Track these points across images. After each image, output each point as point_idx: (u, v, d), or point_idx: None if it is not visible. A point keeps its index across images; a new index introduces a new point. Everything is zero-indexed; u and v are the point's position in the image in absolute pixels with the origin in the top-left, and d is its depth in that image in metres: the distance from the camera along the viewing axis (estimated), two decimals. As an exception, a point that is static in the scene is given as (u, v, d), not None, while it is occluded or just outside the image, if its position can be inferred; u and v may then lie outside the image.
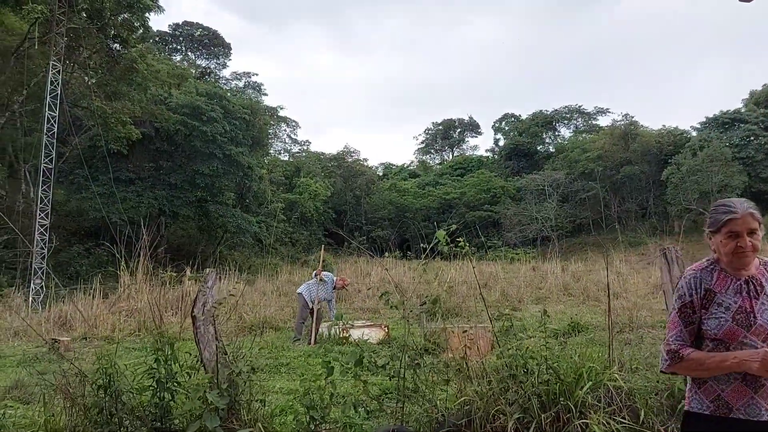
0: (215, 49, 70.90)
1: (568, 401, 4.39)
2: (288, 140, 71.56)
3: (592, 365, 4.63)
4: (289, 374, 7.58)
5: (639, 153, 51.69)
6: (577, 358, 4.74)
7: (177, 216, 38.42)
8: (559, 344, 5.16)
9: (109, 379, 4.19)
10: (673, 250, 4.85)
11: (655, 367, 5.20)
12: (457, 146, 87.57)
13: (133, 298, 16.59)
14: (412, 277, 18.36)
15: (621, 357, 5.21)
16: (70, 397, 4.24)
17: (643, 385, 4.77)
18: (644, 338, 7.55)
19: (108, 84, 30.57)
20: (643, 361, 5.29)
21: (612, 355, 4.97)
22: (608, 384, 4.55)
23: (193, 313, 4.42)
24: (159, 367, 4.26)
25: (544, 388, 4.47)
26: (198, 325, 4.41)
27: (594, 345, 6.29)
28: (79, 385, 4.33)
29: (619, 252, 34.25)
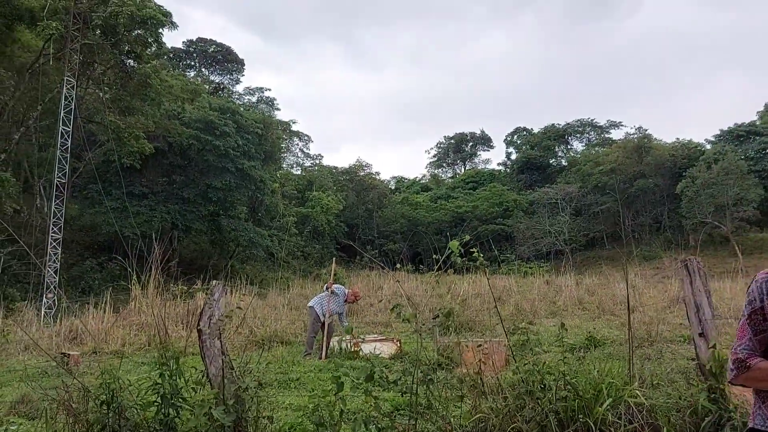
0: (228, 65, 71.51)
1: (587, 418, 4.22)
2: (300, 154, 71.85)
3: (612, 381, 4.46)
4: (299, 389, 7.43)
5: (653, 166, 51.30)
6: (596, 373, 4.57)
7: (189, 230, 38.51)
8: (577, 359, 4.99)
9: (112, 395, 4.08)
10: (695, 262, 4.68)
11: (677, 382, 5.02)
12: (469, 160, 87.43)
13: (144, 312, 16.53)
14: (425, 291, 18.17)
15: (641, 372, 5.03)
16: (73, 412, 4.13)
17: (665, 401, 4.58)
18: (664, 353, 7.34)
19: (121, 99, 30.80)
20: (665, 376, 5.10)
21: (632, 371, 4.79)
22: (629, 401, 4.37)
23: (198, 326, 4.31)
24: (164, 383, 4.14)
25: (562, 405, 4.30)
26: (204, 339, 4.29)
27: (613, 360, 6.10)
28: (83, 401, 4.21)
29: (633, 266, 33.88)
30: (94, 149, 30.59)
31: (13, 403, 6.45)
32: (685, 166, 49.57)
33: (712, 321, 4.68)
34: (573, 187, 54.05)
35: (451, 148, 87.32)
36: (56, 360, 7.46)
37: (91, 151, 29.15)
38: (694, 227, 46.27)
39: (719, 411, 4.41)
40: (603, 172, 53.46)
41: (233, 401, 4.11)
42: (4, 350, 13.00)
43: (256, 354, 5.79)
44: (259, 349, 11.24)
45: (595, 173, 54.08)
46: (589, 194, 53.84)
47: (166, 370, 4.17)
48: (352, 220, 57.43)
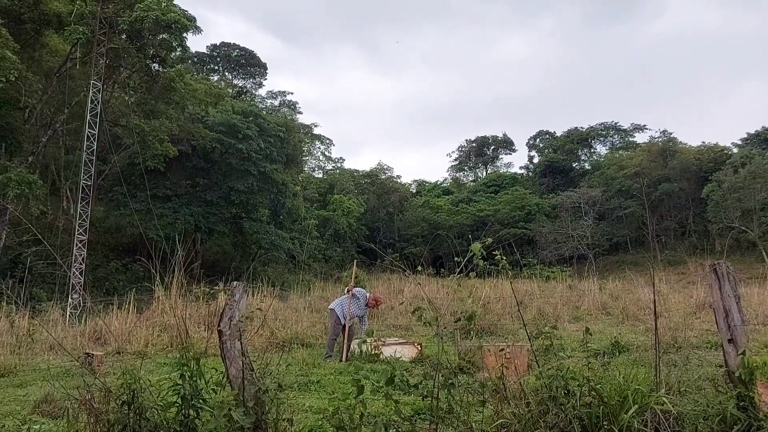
0: (251, 69, 72.15)
1: (612, 425, 4.13)
2: (322, 158, 72.12)
3: (638, 387, 4.36)
4: (319, 392, 7.41)
5: (678, 170, 50.62)
6: (621, 379, 4.47)
7: (212, 232, 38.81)
8: (601, 365, 4.90)
9: (133, 395, 4.09)
10: (724, 266, 4.57)
11: (705, 389, 4.90)
12: (491, 163, 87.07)
13: (166, 313, 16.65)
14: (446, 294, 18.08)
15: (667, 379, 4.92)
16: (94, 412, 4.15)
17: (692, 409, 4.47)
18: (690, 359, 7.20)
19: (146, 103, 31.17)
20: (692, 383, 4.98)
21: (659, 377, 4.69)
22: (655, 408, 4.27)
23: (219, 327, 4.30)
24: (184, 384, 4.14)
25: (587, 411, 4.22)
26: (224, 341, 4.29)
27: (638, 366, 5.98)
28: (104, 401, 4.23)
29: (658, 271, 33.42)
30: (120, 152, 30.96)
31: (37, 402, 6.52)
32: (711, 170, 48.83)
33: (741, 327, 4.56)
34: (596, 191, 53.52)
35: (473, 152, 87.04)
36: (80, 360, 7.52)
37: (116, 153, 29.51)
38: (720, 232, 45.54)
39: (749, 419, 4.29)
40: (627, 175, 52.87)
41: (253, 403, 4.10)
42: (30, 349, 13.19)
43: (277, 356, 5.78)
44: (279, 351, 11.25)
45: (619, 177, 53.49)
46: (613, 198, 53.26)
47: (186, 371, 4.17)
48: (373, 223, 57.48)
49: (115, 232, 36.27)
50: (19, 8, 25.08)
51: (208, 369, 4.45)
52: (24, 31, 25.91)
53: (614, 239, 53.10)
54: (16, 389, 8.57)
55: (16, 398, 7.79)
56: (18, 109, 25.70)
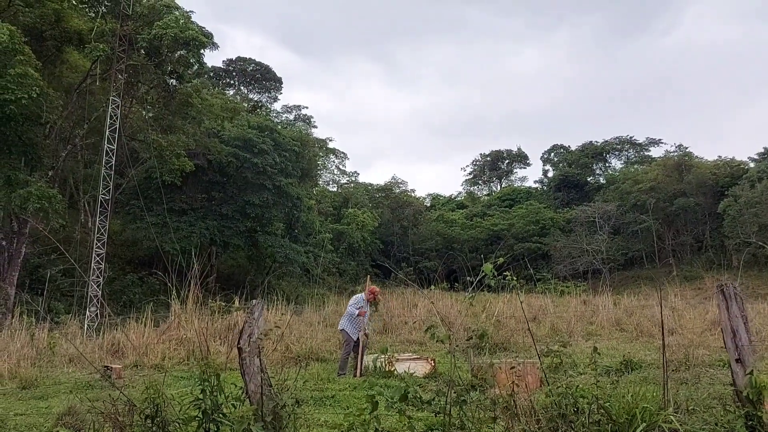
0: (267, 83, 72.95)
1: (620, 443, 4.23)
2: (336, 171, 72.48)
3: (646, 405, 4.45)
4: (334, 407, 7.54)
5: (694, 184, 50.35)
6: (630, 397, 4.57)
7: (227, 246, 39.16)
8: (611, 382, 4.99)
9: (156, 409, 4.25)
10: (732, 287, 4.66)
11: (714, 408, 4.98)
12: (505, 177, 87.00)
13: (183, 327, 16.84)
14: (459, 310, 18.14)
15: (676, 397, 5.00)
16: (119, 425, 4.31)
17: (701, 427, 4.56)
18: (701, 378, 7.24)
19: (164, 118, 31.66)
20: (701, 402, 5.06)
21: (667, 396, 4.78)
22: (663, 426, 4.36)
23: (239, 344, 4.46)
24: (205, 398, 4.30)
25: (596, 429, 4.32)
26: (244, 357, 4.44)
27: (648, 384, 6.05)
28: (128, 414, 4.40)
29: (674, 286, 33.21)
30: (137, 166, 31.44)
31: (61, 414, 6.70)
32: (727, 185, 48.53)
33: (749, 347, 4.65)
34: (611, 205, 53.31)
35: (487, 166, 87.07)
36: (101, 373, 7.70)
37: (133, 168, 29.97)
38: (737, 247, 45.15)
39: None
40: (642, 190, 52.63)
41: (271, 418, 4.24)
42: (49, 362, 13.41)
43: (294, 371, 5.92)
44: (294, 365, 11.38)
45: (634, 191, 53.26)
46: (628, 213, 53.02)
47: (207, 386, 4.33)
48: (388, 237, 57.59)
49: (131, 245, 36.70)
50: (41, 26, 25.66)
51: (227, 384, 4.61)
52: (45, 48, 26.48)
53: (629, 254, 52.80)
54: (38, 401, 8.76)
55: (38, 410, 7.98)
56: (39, 125, 26.21)
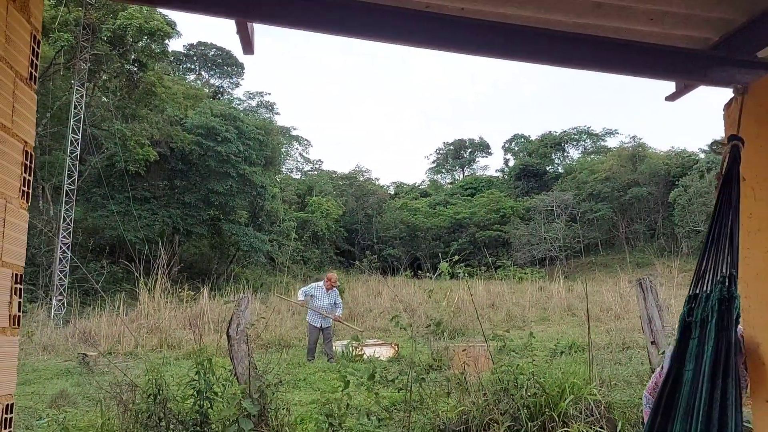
0: (228, 68, 72.33)
1: (552, 412, 5.04)
2: (300, 159, 72.57)
3: (575, 381, 5.28)
4: (306, 389, 8.25)
5: (647, 174, 52.17)
6: (560, 374, 5.39)
7: (191, 234, 39.26)
8: (545, 362, 5.82)
9: (158, 389, 4.89)
10: (648, 280, 5.51)
11: (634, 384, 5.85)
12: (468, 166, 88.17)
13: (152, 316, 17.31)
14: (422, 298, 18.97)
15: (602, 374, 5.86)
16: (123, 403, 4.94)
17: (621, 399, 5.41)
18: (633, 358, 8.16)
19: (127, 106, 31.64)
20: (624, 378, 5.93)
21: (593, 373, 5.62)
22: (588, 398, 5.19)
23: (228, 332, 5.12)
24: (199, 380, 4.95)
25: (532, 400, 5.12)
26: (232, 344, 5.11)
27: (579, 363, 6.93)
28: (130, 394, 5.03)
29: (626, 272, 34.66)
30: (99, 154, 31.38)
31: (53, 397, 7.24)
32: (678, 175, 50.39)
33: (662, 331, 5.51)
34: (568, 194, 54.84)
35: (450, 154, 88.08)
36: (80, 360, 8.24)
37: (95, 155, 29.95)
38: (687, 235, 47.07)
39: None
40: (598, 180, 54.29)
41: (258, 395, 4.93)
42: (23, 350, 13.80)
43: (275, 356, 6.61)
44: (265, 352, 12.03)
45: (590, 181, 54.90)
46: (584, 201, 54.63)
47: (201, 369, 4.99)
48: (352, 225, 58.18)
49: (93, 233, 36.57)
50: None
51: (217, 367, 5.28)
52: (7, 36, 26.22)
53: (585, 241, 54.49)
54: (23, 387, 9.23)
55: (27, 395, 8.48)
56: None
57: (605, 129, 70.33)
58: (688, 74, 2.48)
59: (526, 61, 2.40)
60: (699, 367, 1.91)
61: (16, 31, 2.08)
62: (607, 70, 2.44)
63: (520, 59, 2.39)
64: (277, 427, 4.94)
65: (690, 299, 2.10)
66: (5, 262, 2.04)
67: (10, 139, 2.04)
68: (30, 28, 2.20)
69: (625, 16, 2.39)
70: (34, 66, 2.24)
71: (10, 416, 2.34)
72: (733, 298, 1.92)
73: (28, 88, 2.21)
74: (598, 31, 2.47)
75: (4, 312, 2.08)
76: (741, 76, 2.36)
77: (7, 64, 2.02)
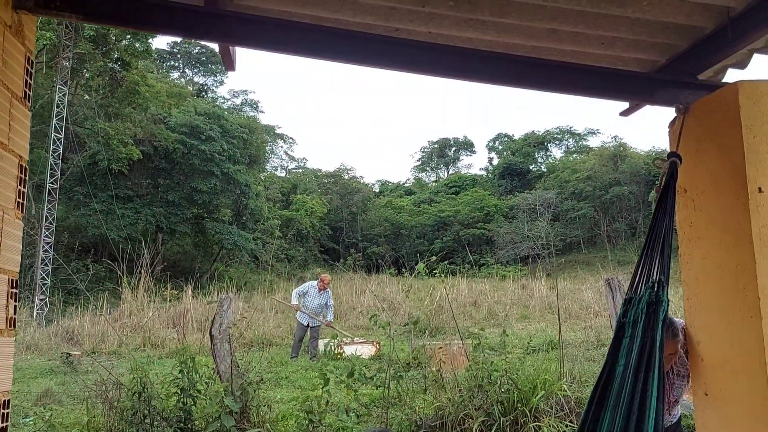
0: (212, 66, 72.04)
1: (524, 407, 5.26)
2: (285, 157, 72.49)
3: (546, 377, 5.50)
4: (288, 386, 8.42)
5: (628, 174, 52.81)
6: (532, 371, 5.61)
7: (174, 233, 39.13)
8: (519, 359, 6.04)
9: (143, 387, 5.04)
10: (616, 280, 5.74)
11: (603, 380, 6.08)
12: (452, 164, 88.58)
13: (135, 315, 17.37)
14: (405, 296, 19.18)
15: (572, 371, 6.09)
16: (108, 401, 5.08)
17: (588, 394, 5.63)
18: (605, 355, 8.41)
19: (110, 105, 31.51)
20: (594, 374, 6.15)
21: (564, 369, 5.85)
22: (558, 393, 5.42)
23: (211, 332, 5.28)
24: (183, 378, 5.11)
25: (505, 396, 5.34)
26: (215, 343, 5.27)
27: (552, 361, 7.17)
28: (116, 392, 5.17)
29: (608, 270, 35.11)
30: (82, 153, 31.24)
31: (39, 395, 7.35)
32: (659, 174, 50.94)
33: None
34: (551, 193, 55.36)
35: (435, 153, 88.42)
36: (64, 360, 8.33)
37: (78, 154, 29.82)
38: (666, 233, 47.71)
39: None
40: (580, 179, 54.88)
41: (240, 393, 5.10)
42: (5, 350, 13.80)
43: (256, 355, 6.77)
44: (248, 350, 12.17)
45: (572, 180, 55.48)
46: (567, 200, 55.18)
47: (184, 368, 5.14)
48: (336, 223, 58.25)
49: (75, 232, 36.35)
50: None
51: (201, 366, 5.43)
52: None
53: (567, 239, 55.03)
54: (7, 387, 9.32)
55: (11, 394, 8.56)
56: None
57: (587, 129, 71.15)
58: (636, 95, 2.69)
59: (488, 83, 2.59)
60: (628, 363, 2.12)
61: (12, 55, 2.24)
62: (561, 91, 2.64)
63: (483, 81, 2.58)
64: (258, 423, 5.10)
65: (626, 302, 2.31)
66: (2, 269, 2.20)
67: (6, 154, 2.20)
68: (24, 50, 2.36)
69: (578, 40, 2.60)
70: (28, 86, 2.40)
71: (7, 411, 2.51)
72: (660, 301, 2.13)
73: (23, 106, 2.36)
74: (555, 54, 2.67)
75: (1, 315, 2.25)
76: (684, 96, 2.57)
77: (4, 85, 2.18)
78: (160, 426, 5.05)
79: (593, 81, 2.56)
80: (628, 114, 2.99)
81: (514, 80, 2.55)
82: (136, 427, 4.94)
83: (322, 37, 2.42)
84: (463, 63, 2.54)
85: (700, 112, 2.52)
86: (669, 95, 2.58)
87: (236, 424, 4.91)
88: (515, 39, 2.60)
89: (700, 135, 2.51)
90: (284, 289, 28.56)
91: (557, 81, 2.54)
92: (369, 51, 2.47)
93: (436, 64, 2.53)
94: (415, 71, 2.61)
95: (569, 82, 2.55)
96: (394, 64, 2.57)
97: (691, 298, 2.55)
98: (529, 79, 2.53)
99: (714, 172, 2.45)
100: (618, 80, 2.61)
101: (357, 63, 2.53)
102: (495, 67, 2.53)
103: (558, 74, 2.54)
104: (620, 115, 3.06)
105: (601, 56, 2.70)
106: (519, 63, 2.55)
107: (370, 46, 2.47)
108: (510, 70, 2.52)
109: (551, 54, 2.66)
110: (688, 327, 2.59)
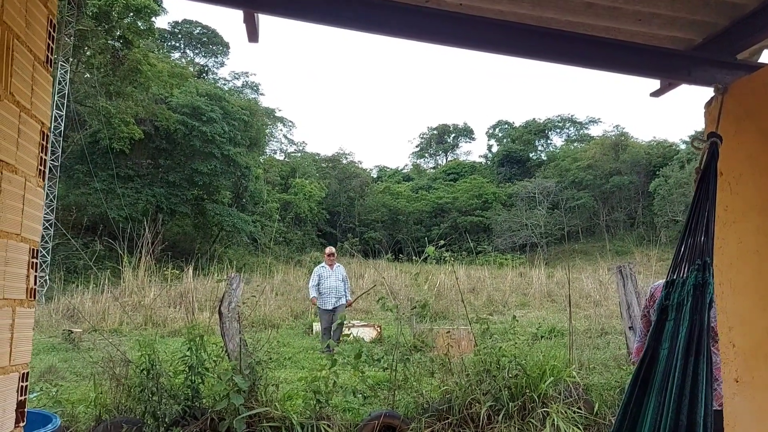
0: (213, 47, 71.57)
1: (532, 393, 5.24)
2: (284, 140, 72.27)
3: (555, 363, 5.48)
4: (292, 367, 8.40)
5: (628, 163, 52.75)
6: (541, 357, 5.59)
7: (174, 213, 39.07)
8: (528, 346, 6.02)
9: (151, 365, 5.00)
10: (628, 268, 5.70)
11: (611, 367, 6.07)
12: (451, 151, 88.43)
13: (136, 294, 17.35)
14: (404, 282, 19.17)
15: (581, 358, 6.07)
16: (116, 378, 5.05)
17: (598, 381, 5.62)
18: (611, 343, 8.41)
19: (111, 83, 31.30)
20: (602, 362, 6.14)
21: (572, 356, 5.82)
22: (567, 380, 5.39)
23: (220, 310, 5.24)
24: (191, 356, 5.07)
25: (513, 382, 5.31)
26: (224, 321, 5.23)
27: (560, 347, 7.15)
28: (123, 368, 5.14)
29: (606, 260, 35.19)
30: (83, 131, 31.06)
31: (42, 372, 7.32)
32: (659, 165, 51.01)
33: (640, 317, 5.70)
34: (551, 181, 55.32)
35: (434, 139, 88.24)
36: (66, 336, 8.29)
37: (79, 132, 29.66)
38: (666, 224, 47.73)
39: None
40: (580, 168, 54.82)
41: (248, 371, 5.06)
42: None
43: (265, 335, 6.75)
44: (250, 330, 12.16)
45: (573, 169, 55.42)
46: (566, 189, 55.15)
47: (193, 346, 5.11)
48: (334, 207, 58.20)
49: (75, 211, 36.26)
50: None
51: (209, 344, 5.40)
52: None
53: (566, 228, 55.06)
54: (8, 363, 9.29)
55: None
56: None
57: (589, 117, 71.06)
58: (672, 73, 2.62)
59: (520, 56, 2.52)
60: (674, 347, 2.08)
61: (34, 16, 2.16)
62: (596, 67, 2.57)
63: (515, 55, 2.51)
64: (266, 402, 5.08)
65: (668, 284, 2.26)
66: (24, 238, 2.14)
67: (29, 119, 2.13)
68: (47, 12, 2.28)
69: (615, 16, 2.52)
70: (50, 50, 2.32)
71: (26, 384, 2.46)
72: (707, 283, 2.08)
73: (45, 71, 2.28)
74: (589, 30, 2.60)
75: (22, 285, 2.19)
76: (722, 76, 2.51)
77: (27, 47, 2.10)
78: (168, 403, 5.03)
79: (631, 57, 2.50)
80: (659, 95, 2.92)
81: (548, 55, 2.48)
82: (144, 404, 4.92)
83: (350, 6, 2.35)
84: (495, 36, 2.47)
85: (738, 93, 2.46)
86: (707, 74, 2.52)
87: (244, 402, 4.89)
88: (549, 13, 2.52)
89: (738, 116, 2.45)
90: (283, 271, 28.54)
91: (593, 56, 2.47)
92: (398, 22, 2.40)
93: (467, 36, 2.46)
94: (446, 43, 2.53)
95: (606, 58, 2.48)
96: (424, 36, 2.50)
97: (724, 283, 2.50)
98: (565, 54, 2.46)
99: (752, 155, 2.39)
100: (656, 57, 2.54)
101: (385, 34, 2.46)
102: (529, 41, 2.46)
103: (594, 49, 2.47)
104: (651, 96, 2.99)
105: (636, 33, 2.63)
106: (554, 37, 2.48)
107: (400, 17, 2.40)
108: (545, 44, 2.45)
109: (585, 29, 2.59)
110: (720, 312, 2.55)
